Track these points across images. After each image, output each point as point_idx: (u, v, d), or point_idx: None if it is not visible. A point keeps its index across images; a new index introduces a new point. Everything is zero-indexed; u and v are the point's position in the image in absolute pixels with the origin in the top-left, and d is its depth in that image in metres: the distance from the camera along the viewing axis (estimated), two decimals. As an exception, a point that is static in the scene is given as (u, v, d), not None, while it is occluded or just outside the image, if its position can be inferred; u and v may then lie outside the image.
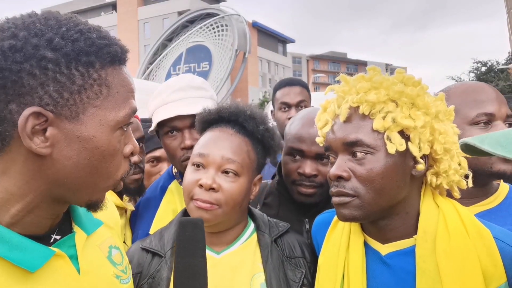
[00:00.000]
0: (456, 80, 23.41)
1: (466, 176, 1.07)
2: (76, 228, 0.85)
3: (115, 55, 0.75)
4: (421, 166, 1.00)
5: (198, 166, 1.16)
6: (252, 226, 1.25)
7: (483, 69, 24.43)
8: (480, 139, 0.71)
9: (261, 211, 1.56)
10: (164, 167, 2.18)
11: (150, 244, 1.20)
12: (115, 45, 0.75)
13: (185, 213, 1.26)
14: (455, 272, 0.94)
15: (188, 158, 1.47)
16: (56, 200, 0.77)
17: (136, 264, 1.17)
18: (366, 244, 1.08)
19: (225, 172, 1.14)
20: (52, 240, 0.79)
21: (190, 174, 1.17)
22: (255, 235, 1.22)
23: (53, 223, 0.80)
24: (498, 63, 24.10)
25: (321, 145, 1.15)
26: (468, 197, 1.21)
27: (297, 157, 1.42)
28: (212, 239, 1.17)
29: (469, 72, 24.55)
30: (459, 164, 1.03)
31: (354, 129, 1.00)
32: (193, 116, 1.41)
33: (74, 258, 0.80)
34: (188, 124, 1.50)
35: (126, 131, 0.79)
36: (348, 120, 1.01)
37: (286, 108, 2.43)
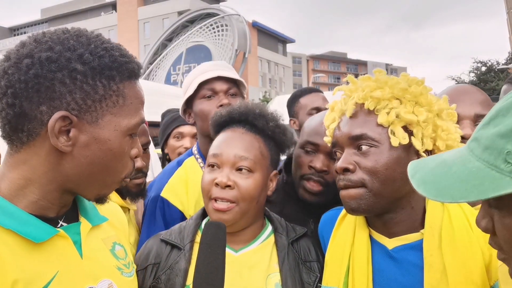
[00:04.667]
0: (456, 80, 23.44)
1: None
2: (81, 219, 0.94)
3: (132, 71, 0.86)
4: None
5: (213, 166, 1.21)
6: (270, 228, 1.28)
7: (483, 69, 24.45)
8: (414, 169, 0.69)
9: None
10: (185, 142, 2.46)
11: (170, 236, 1.24)
12: (133, 62, 0.86)
13: (204, 210, 1.29)
14: (459, 265, 0.96)
15: None
16: (67, 191, 0.87)
17: (154, 255, 1.21)
18: (372, 239, 1.10)
19: (239, 169, 1.18)
20: (59, 225, 0.88)
21: (206, 174, 1.21)
22: (272, 237, 1.25)
23: (61, 211, 0.89)
24: (498, 63, 24.12)
25: (329, 144, 1.18)
26: None
27: (311, 151, 1.45)
28: (230, 237, 1.20)
29: (469, 72, 24.58)
30: None
31: (359, 124, 1.04)
32: (230, 82, 1.64)
33: (77, 244, 0.88)
34: (225, 88, 1.63)
35: (134, 137, 0.90)
36: (354, 116, 1.06)
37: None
